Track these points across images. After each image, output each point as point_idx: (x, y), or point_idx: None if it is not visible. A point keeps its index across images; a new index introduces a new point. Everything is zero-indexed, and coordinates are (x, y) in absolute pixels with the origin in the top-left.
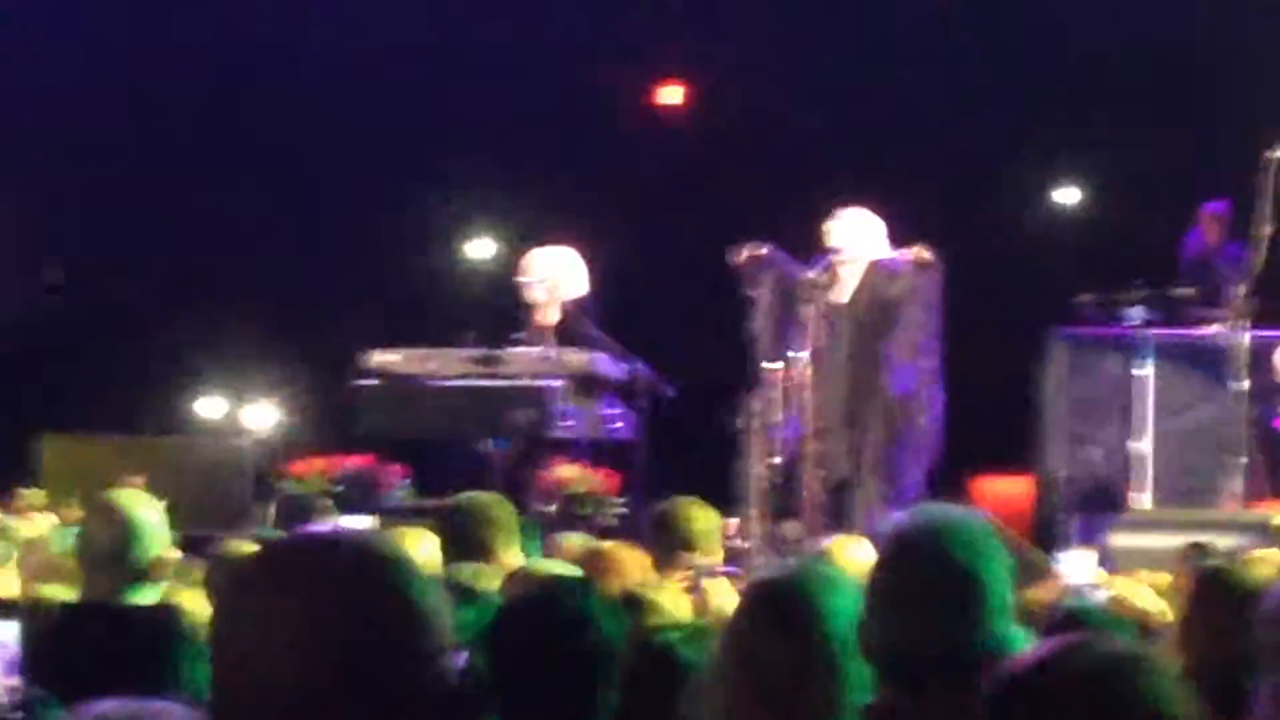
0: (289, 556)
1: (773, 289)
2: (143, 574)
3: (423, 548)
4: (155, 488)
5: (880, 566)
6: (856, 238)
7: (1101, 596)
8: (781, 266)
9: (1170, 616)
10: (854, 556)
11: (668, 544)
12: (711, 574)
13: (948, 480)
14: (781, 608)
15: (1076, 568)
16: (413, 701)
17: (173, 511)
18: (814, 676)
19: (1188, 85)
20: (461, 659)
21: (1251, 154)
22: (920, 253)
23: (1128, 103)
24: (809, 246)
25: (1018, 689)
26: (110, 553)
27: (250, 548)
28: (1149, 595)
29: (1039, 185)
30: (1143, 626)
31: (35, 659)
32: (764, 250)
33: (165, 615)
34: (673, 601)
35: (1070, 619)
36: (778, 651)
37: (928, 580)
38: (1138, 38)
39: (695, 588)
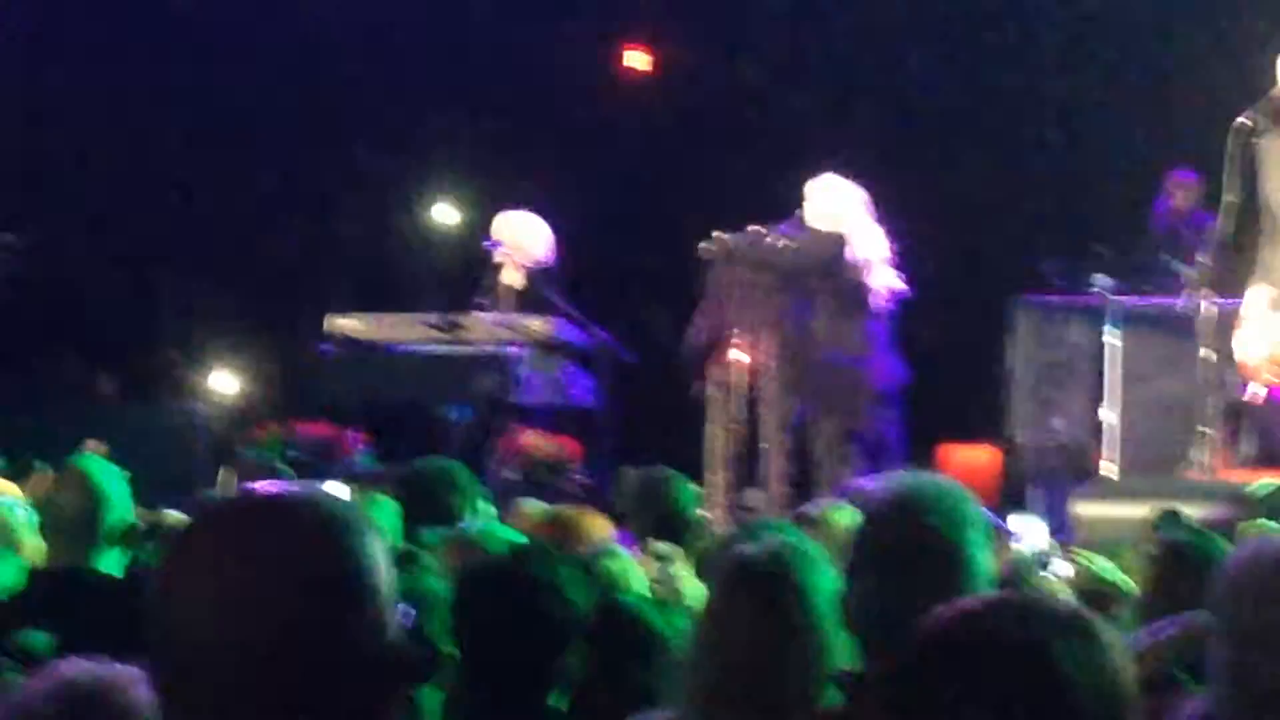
0: (235, 515)
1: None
2: (109, 541)
3: (383, 514)
4: (114, 455)
5: (861, 534)
6: (828, 206)
7: (1060, 567)
8: (755, 244)
9: (1132, 588)
10: (842, 521)
11: (651, 517)
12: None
13: (913, 449)
14: (763, 587)
15: (1027, 534)
16: (360, 664)
17: (131, 480)
18: (796, 656)
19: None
20: (409, 619)
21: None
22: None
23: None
24: (772, 214)
25: (940, 641)
26: (77, 519)
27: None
28: (1109, 566)
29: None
30: (1103, 598)
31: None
32: (728, 240)
33: (132, 582)
34: (628, 573)
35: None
36: (760, 632)
37: (909, 548)
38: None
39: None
